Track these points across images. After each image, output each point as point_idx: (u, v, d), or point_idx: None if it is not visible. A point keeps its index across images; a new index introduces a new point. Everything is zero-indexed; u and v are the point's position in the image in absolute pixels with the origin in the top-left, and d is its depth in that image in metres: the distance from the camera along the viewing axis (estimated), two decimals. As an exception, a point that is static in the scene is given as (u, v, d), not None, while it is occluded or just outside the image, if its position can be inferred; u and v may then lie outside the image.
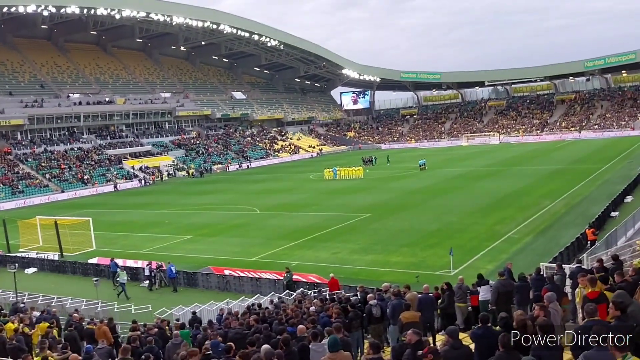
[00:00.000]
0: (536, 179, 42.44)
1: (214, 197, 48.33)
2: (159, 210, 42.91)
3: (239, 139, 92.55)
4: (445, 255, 21.13)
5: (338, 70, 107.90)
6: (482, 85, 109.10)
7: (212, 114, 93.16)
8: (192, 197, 49.65)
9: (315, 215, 34.93)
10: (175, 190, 57.01)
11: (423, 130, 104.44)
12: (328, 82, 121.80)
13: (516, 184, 40.45)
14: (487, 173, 48.94)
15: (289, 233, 30.28)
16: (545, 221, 27.75)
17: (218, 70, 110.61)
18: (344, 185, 48.64)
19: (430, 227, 28.64)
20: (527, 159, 58.83)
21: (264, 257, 25.80)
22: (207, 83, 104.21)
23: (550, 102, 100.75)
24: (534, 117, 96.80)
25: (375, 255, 24.22)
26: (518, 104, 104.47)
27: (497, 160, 59.56)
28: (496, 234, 25.91)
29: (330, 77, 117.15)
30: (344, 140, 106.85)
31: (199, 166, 75.14)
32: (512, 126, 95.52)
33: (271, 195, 46.52)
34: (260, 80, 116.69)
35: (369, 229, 29.47)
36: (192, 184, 62.00)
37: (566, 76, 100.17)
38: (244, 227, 33.50)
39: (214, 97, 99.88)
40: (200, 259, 26.54)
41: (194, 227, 34.51)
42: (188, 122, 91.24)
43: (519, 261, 19.95)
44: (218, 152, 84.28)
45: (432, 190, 41.51)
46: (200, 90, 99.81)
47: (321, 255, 25.13)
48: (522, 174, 46.48)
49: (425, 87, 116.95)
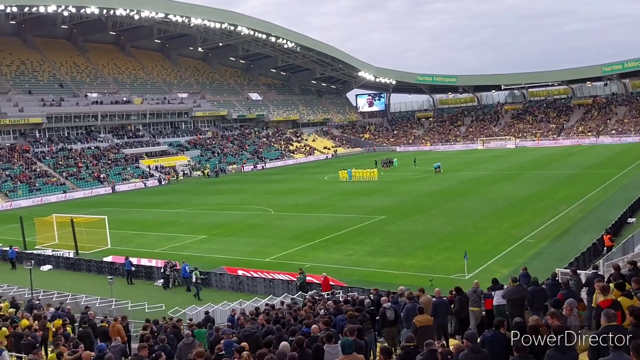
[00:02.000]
0: (552, 184, 41.92)
1: (229, 197, 48.42)
2: (174, 210, 43.09)
3: (254, 139, 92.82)
4: (460, 259, 20.92)
5: (354, 72, 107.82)
6: (499, 88, 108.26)
7: (228, 115, 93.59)
8: (207, 197, 49.76)
9: (330, 217, 34.84)
10: (191, 190, 57.23)
11: (438, 133, 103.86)
12: (344, 84, 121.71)
13: (532, 189, 39.99)
14: (503, 177, 48.47)
15: (303, 234, 30.23)
16: (561, 226, 27.37)
17: (235, 72, 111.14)
18: (359, 187, 48.50)
19: (445, 230, 28.41)
20: (543, 163, 58.17)
21: (277, 257, 25.78)
22: (223, 84, 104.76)
23: (568, 107, 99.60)
24: (551, 122, 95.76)
25: (389, 257, 24.07)
26: (534, 108, 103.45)
27: (512, 165, 58.97)
28: (511, 238, 25.61)
29: (346, 79, 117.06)
30: (359, 142, 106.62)
31: (214, 166, 75.47)
32: (528, 130, 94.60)
33: (285, 196, 46.49)
34: (277, 82, 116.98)
35: (384, 231, 29.32)
36: (207, 184, 62.23)
37: (584, 81, 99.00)
38: (258, 227, 33.50)
39: (230, 97, 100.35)
40: (214, 258, 26.60)
41: (208, 227, 34.58)
42: (204, 122, 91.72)
43: (534, 266, 19.66)
44: (233, 152, 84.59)
45: (447, 193, 41.20)
46: (217, 91, 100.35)
47: (335, 256, 25.04)
48: (538, 178, 45.95)
49: (441, 90, 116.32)
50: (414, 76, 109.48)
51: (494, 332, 7.61)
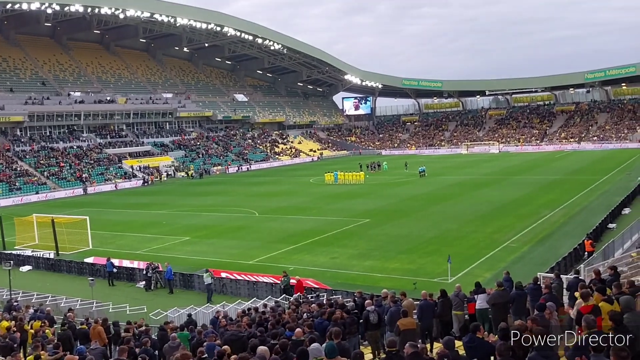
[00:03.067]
0: (535, 189, 42.42)
1: (213, 199, 48.24)
2: (157, 211, 42.80)
3: (239, 141, 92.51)
4: (443, 263, 21.05)
5: (340, 75, 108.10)
6: (483, 94, 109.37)
7: (213, 116, 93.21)
8: (191, 198, 49.57)
9: (315, 220, 34.85)
10: (174, 191, 56.91)
11: (423, 138, 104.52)
12: (330, 87, 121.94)
13: (515, 193, 40.42)
14: (487, 181, 48.93)
15: (288, 236, 30.21)
16: (543, 230, 27.70)
17: (220, 72, 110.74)
18: (344, 190, 48.62)
19: (429, 234, 28.58)
20: (527, 168, 58.83)
21: (261, 260, 25.71)
22: (209, 84, 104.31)
23: (551, 113, 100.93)
24: (534, 127, 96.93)
25: (373, 261, 24.14)
26: (518, 113, 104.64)
27: (496, 169, 59.56)
28: (495, 242, 25.85)
29: (332, 82, 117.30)
30: (345, 144, 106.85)
31: (198, 167, 75.05)
32: (511, 135, 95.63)
33: (270, 198, 46.46)
34: (263, 83, 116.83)
35: (368, 235, 29.41)
36: (191, 185, 61.93)
37: (566, 87, 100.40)
38: (243, 229, 33.42)
39: (215, 98, 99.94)
40: (197, 260, 26.44)
41: (191, 229, 34.39)
42: (189, 123, 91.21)
43: (516, 270, 19.86)
44: (218, 153, 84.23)
45: (432, 197, 41.49)
46: (202, 92, 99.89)
47: (319, 259, 25.05)
48: (521, 183, 46.47)
49: (426, 95, 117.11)
50: (400, 80, 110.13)
51: (470, 336, 7.73)
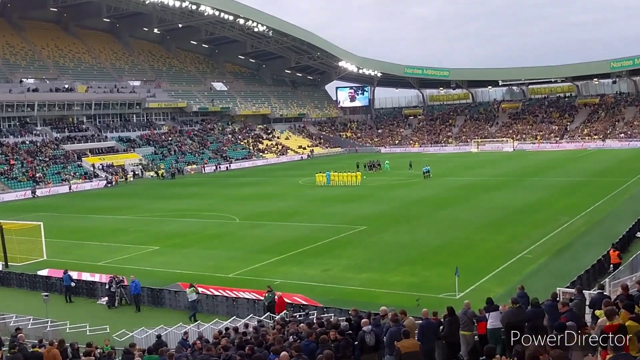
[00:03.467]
0: (554, 192, 42.73)
1: (187, 203, 48.19)
2: (122, 216, 42.67)
3: (217, 136, 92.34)
4: (450, 276, 21.12)
5: (334, 62, 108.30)
6: (496, 84, 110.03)
7: (187, 107, 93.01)
8: (161, 202, 49.47)
9: (304, 226, 34.88)
10: (142, 194, 56.67)
11: (428, 133, 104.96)
12: (322, 75, 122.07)
13: (531, 197, 40.69)
14: (499, 184, 49.20)
15: (273, 246, 30.19)
16: (563, 240, 27.89)
17: (196, 57, 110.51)
18: (338, 193, 48.70)
19: (434, 243, 28.69)
20: (544, 169, 59.26)
21: (242, 273, 25.66)
22: (183, 71, 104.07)
23: (572, 106, 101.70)
24: (553, 123, 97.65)
25: (371, 273, 24.18)
26: (535, 107, 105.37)
27: (510, 170, 59.92)
28: (508, 252, 25.99)
29: (325, 69, 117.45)
30: (338, 141, 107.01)
31: (170, 166, 74.87)
32: (527, 132, 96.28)
33: (253, 201, 46.44)
34: (245, 70, 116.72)
35: (365, 243, 29.47)
36: (162, 187, 61.80)
37: (590, 77, 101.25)
38: (221, 237, 33.38)
39: (190, 87, 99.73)
40: (168, 273, 26.33)
41: (162, 237, 34.32)
42: (159, 115, 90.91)
43: (532, 284, 19.97)
44: (193, 150, 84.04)
45: (437, 201, 41.64)
46: (175, 79, 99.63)
47: (310, 272, 25.05)
48: (538, 185, 46.79)
49: (431, 85, 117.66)
50: (402, 68, 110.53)
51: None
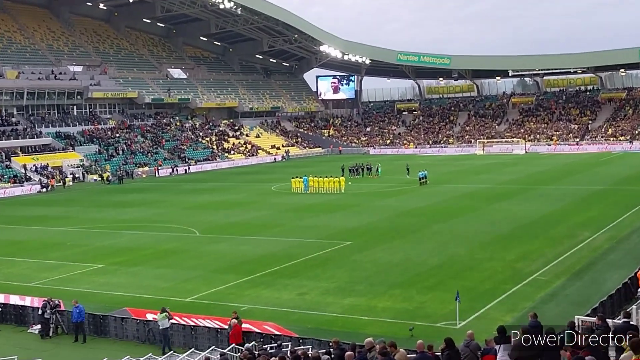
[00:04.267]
0: (572, 203, 43.20)
1: (137, 212, 48.00)
2: (59, 228, 42.30)
3: (174, 132, 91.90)
4: (450, 301, 21.20)
5: (315, 46, 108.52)
6: (505, 75, 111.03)
7: (138, 98, 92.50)
8: (107, 211, 49.24)
9: (277, 241, 34.82)
10: (84, 201, 56.26)
11: (425, 132, 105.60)
12: (300, 62, 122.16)
13: (545, 209, 41.06)
14: (508, 192, 49.58)
15: (240, 264, 30.10)
16: (582, 259, 28.17)
17: (150, 39, 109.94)
18: (318, 201, 48.72)
19: (431, 262, 28.79)
20: (561, 175, 59.90)
21: (203, 296, 25.51)
22: (134, 55, 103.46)
23: (594, 102, 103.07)
24: (572, 121, 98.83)
25: (356, 298, 24.18)
26: (551, 101, 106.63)
27: (521, 176, 60.47)
28: (518, 274, 26.16)
29: (303, 54, 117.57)
30: (319, 140, 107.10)
31: (117, 168, 74.38)
32: (542, 131, 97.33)
33: (216, 211, 46.34)
34: (208, 55, 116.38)
35: (349, 262, 29.47)
36: (107, 193, 61.44)
37: (615, 68, 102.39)
38: (177, 254, 33.22)
39: (142, 74, 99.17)
40: (113, 296, 26.09)
41: (107, 253, 34.07)
42: (105, 107, 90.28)
43: (547, 312, 20.13)
44: (145, 150, 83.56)
45: (435, 212, 41.84)
46: (124, 65, 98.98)
47: (283, 296, 24.99)
48: (553, 195, 47.25)
49: (429, 75, 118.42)
50: (395, 54, 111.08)
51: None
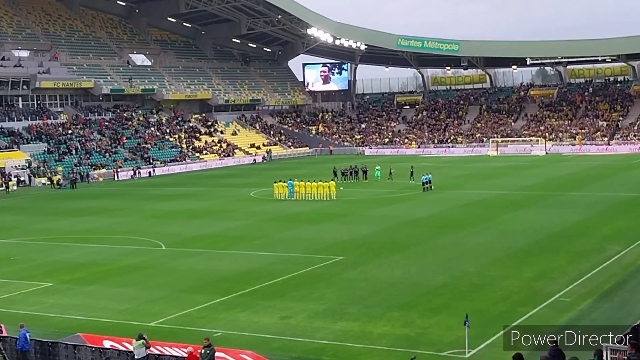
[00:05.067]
0: (599, 212, 43.41)
1: (93, 222, 47.85)
2: (0, 240, 42.11)
3: (137, 128, 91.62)
4: (458, 326, 21.25)
5: (301, 29, 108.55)
6: (523, 64, 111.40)
7: (95, 88, 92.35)
8: (57, 220, 49.07)
9: (257, 256, 34.76)
10: (30, 208, 56.12)
11: (429, 129, 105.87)
12: (285, 47, 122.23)
13: (569, 219, 41.24)
14: (525, 199, 49.80)
15: (213, 283, 30.04)
16: (612, 277, 28.29)
17: (109, 20, 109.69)
18: (305, 209, 48.81)
19: (435, 281, 28.83)
20: (587, 180, 60.29)
21: (169, 320, 25.43)
22: (89, 38, 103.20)
23: (625, 95, 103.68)
24: (600, 117, 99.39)
25: (348, 322, 24.18)
26: (576, 94, 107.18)
27: (540, 181, 60.78)
28: (536, 294, 26.24)
29: (288, 39, 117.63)
30: (306, 138, 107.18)
31: (70, 170, 74.15)
32: (565, 129, 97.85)
33: (186, 221, 46.33)
34: (177, 38, 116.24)
35: (341, 281, 29.47)
36: (58, 199, 61.29)
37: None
38: (140, 271, 33.15)
39: (99, 60, 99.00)
40: (65, 320, 25.96)
41: (57, 269, 33.90)
42: (55, 98, 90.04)
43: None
44: (102, 149, 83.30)
45: (441, 222, 41.93)
46: (79, 50, 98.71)
47: (264, 320, 24.94)
48: (578, 203, 47.50)
49: (435, 63, 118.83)
50: (395, 39, 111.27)
51: None
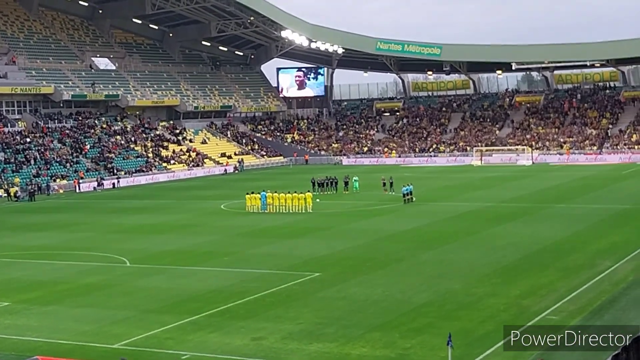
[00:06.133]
0: (589, 226, 43.65)
1: (52, 237, 47.58)
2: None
3: (100, 136, 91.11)
4: (441, 347, 21.25)
5: (275, 31, 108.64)
6: (508, 68, 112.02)
7: (55, 94, 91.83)
8: (13, 235, 48.83)
9: (227, 273, 34.70)
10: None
11: (410, 137, 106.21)
12: (258, 51, 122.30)
13: (557, 233, 41.45)
14: (512, 212, 50.04)
15: (180, 302, 29.89)
16: (602, 294, 28.41)
17: (70, 21, 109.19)
18: (279, 223, 48.76)
19: (418, 299, 28.84)
20: (576, 192, 60.68)
21: (134, 342, 25.21)
22: (49, 41, 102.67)
23: (615, 101, 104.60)
24: (588, 124, 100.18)
25: (325, 343, 24.10)
26: (563, 101, 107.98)
27: (527, 192, 61.11)
28: (524, 312, 26.31)
29: (261, 42, 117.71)
30: (280, 147, 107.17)
31: (27, 182, 73.61)
32: (552, 137, 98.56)
33: (152, 236, 46.19)
34: (142, 41, 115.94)
35: (317, 299, 29.43)
36: (15, 212, 61.08)
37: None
38: (102, 289, 32.90)
39: (60, 64, 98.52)
40: (22, 342, 25.66)
41: (13, 288, 33.63)
42: (12, 105, 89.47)
43: (559, 358, 20.24)
44: (63, 158, 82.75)
45: (423, 236, 42.05)
46: (38, 53, 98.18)
47: (235, 341, 24.81)
48: (566, 216, 47.78)
49: (416, 68, 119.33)
50: (373, 42, 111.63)
51: None
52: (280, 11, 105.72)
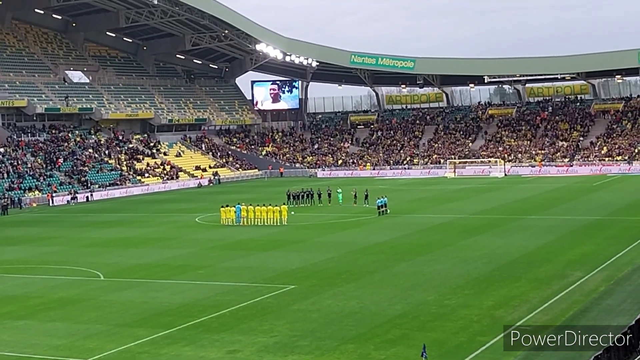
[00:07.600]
0: (561, 237, 43.96)
1: (24, 251, 47.39)
2: None
3: (74, 149, 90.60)
4: (416, 357, 21.31)
5: (249, 44, 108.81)
6: (481, 81, 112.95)
7: (28, 107, 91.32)
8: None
9: (202, 286, 34.63)
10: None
11: (384, 150, 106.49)
12: (232, 64, 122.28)
13: (529, 244, 41.73)
14: (485, 224, 50.36)
15: (154, 316, 29.79)
16: (574, 305, 28.59)
17: (43, 34, 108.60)
18: (254, 236, 48.78)
19: (392, 310, 28.88)
20: (548, 203, 61.14)
21: (108, 356, 25.06)
22: (22, 54, 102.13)
23: (586, 114, 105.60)
24: (560, 137, 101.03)
25: (300, 355, 24.09)
26: (535, 114, 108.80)
27: (500, 204, 61.59)
28: (497, 323, 26.38)
29: (235, 55, 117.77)
30: (255, 159, 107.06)
31: (0, 195, 73.12)
32: (524, 149, 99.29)
33: (126, 249, 46.06)
34: (116, 54, 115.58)
35: (292, 312, 29.41)
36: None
37: (610, 73, 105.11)
38: (75, 303, 32.71)
39: (33, 77, 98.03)
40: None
41: (-15, 302, 33.21)
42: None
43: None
44: (36, 172, 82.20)
45: (397, 248, 42.17)
46: (10, 66, 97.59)
47: (209, 354, 24.73)
48: (538, 227, 48.11)
49: (389, 81, 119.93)
50: (348, 56, 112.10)
51: None
52: (255, 24, 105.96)
